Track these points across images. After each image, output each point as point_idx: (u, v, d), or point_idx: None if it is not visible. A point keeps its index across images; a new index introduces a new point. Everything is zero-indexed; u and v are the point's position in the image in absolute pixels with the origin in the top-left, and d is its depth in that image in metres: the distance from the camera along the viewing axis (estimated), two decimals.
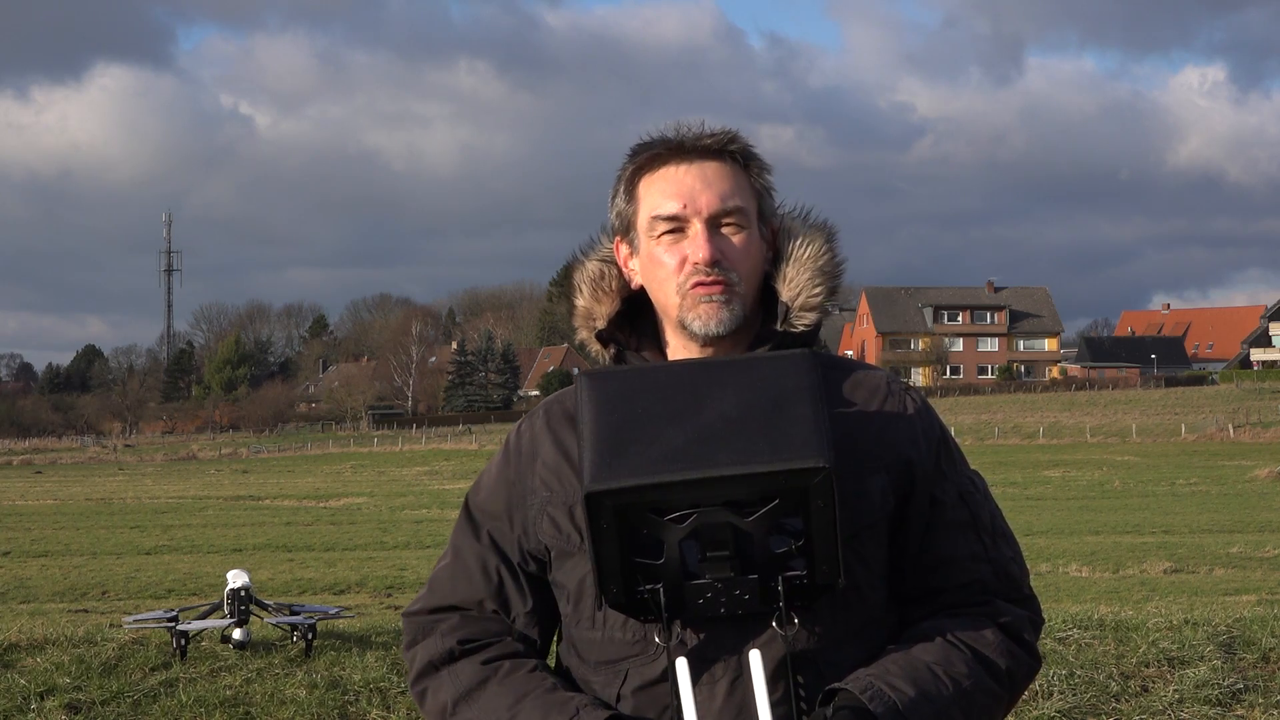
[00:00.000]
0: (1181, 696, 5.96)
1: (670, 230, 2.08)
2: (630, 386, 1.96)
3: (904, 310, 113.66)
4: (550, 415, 2.15)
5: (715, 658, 1.97)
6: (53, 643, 7.02)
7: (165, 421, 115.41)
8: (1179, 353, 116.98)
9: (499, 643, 2.10)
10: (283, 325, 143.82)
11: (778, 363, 1.97)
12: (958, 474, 2.14)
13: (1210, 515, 26.26)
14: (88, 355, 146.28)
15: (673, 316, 2.11)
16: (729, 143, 2.11)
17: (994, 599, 2.09)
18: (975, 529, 2.11)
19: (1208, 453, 50.24)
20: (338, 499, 37.03)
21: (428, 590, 2.18)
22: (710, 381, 1.95)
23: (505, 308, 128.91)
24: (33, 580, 18.41)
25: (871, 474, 2.04)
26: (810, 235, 2.16)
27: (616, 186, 2.16)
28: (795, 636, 1.95)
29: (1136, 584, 16.17)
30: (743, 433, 1.88)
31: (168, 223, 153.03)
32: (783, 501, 1.86)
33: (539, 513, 2.09)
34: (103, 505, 35.96)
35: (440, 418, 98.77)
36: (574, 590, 2.07)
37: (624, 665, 2.02)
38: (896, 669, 1.96)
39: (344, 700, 6.32)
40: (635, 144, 2.15)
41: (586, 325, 2.19)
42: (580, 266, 2.21)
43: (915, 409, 2.13)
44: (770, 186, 2.16)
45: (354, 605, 13.70)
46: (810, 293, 2.13)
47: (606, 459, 1.88)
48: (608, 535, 1.88)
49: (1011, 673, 2.05)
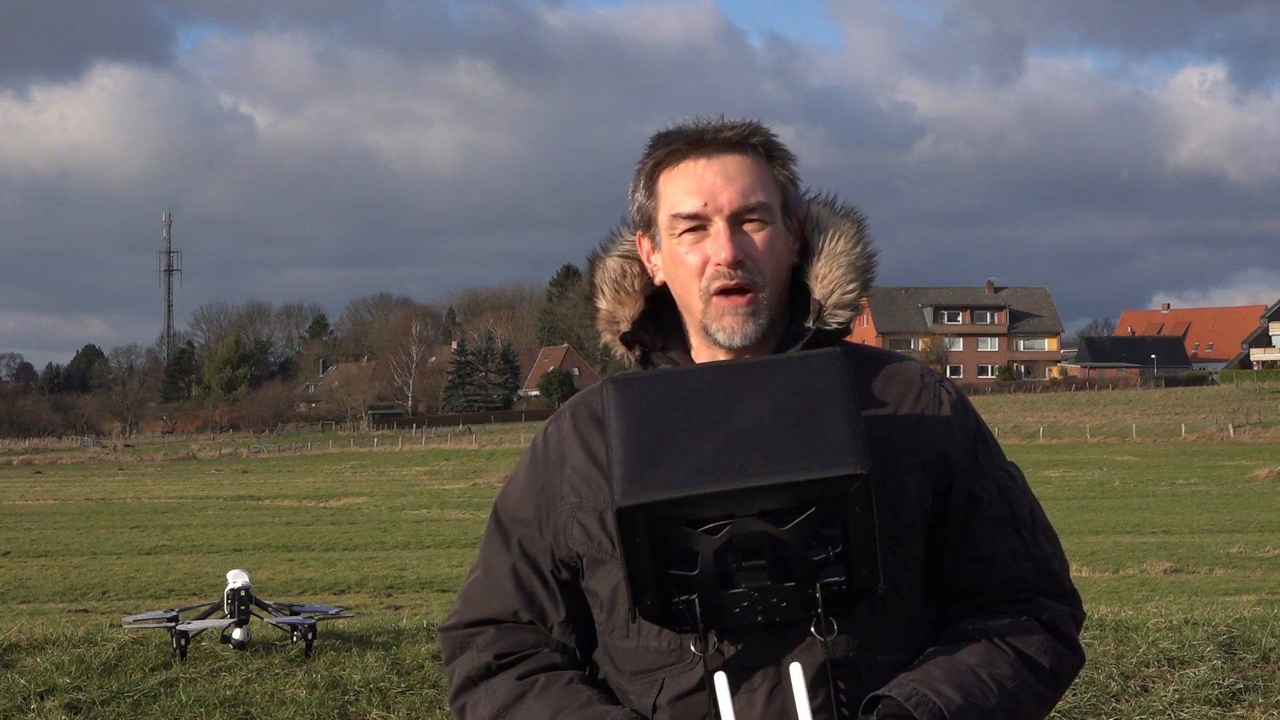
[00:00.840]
0: (1181, 696, 5.95)
1: (691, 229, 2.02)
2: (658, 393, 1.90)
3: (904, 310, 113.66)
4: (578, 418, 2.10)
5: (753, 666, 1.93)
6: (53, 643, 7.02)
7: (165, 421, 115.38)
8: (1179, 353, 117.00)
9: (535, 655, 2.06)
10: (283, 325, 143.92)
11: (809, 363, 1.91)
12: (995, 468, 2.08)
13: (1210, 515, 26.26)
14: (88, 355, 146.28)
15: (696, 319, 2.05)
16: (750, 134, 2.03)
17: (1036, 595, 2.05)
18: (1015, 524, 2.06)
19: (1208, 453, 50.23)
20: (338, 499, 37.03)
21: (461, 604, 2.14)
22: (740, 385, 1.89)
23: (505, 308, 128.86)
24: (33, 580, 18.41)
25: (908, 472, 2.00)
26: (841, 227, 2.10)
27: (636, 180, 2.09)
28: (835, 643, 1.91)
29: (1136, 584, 16.17)
30: (776, 440, 1.83)
31: (167, 222, 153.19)
32: (819, 509, 1.82)
33: (569, 519, 2.05)
34: (103, 505, 35.97)
35: (440, 418, 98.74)
36: (607, 598, 2.03)
37: (660, 675, 1.98)
38: (940, 673, 1.92)
39: (344, 700, 6.32)
40: (655, 135, 2.08)
41: (610, 329, 2.12)
42: (601, 265, 2.14)
43: (950, 403, 2.07)
44: (795, 177, 2.08)
45: (354, 605, 13.69)
46: (845, 289, 2.06)
47: (637, 472, 1.82)
48: (640, 548, 1.83)
49: (1055, 671, 2.02)
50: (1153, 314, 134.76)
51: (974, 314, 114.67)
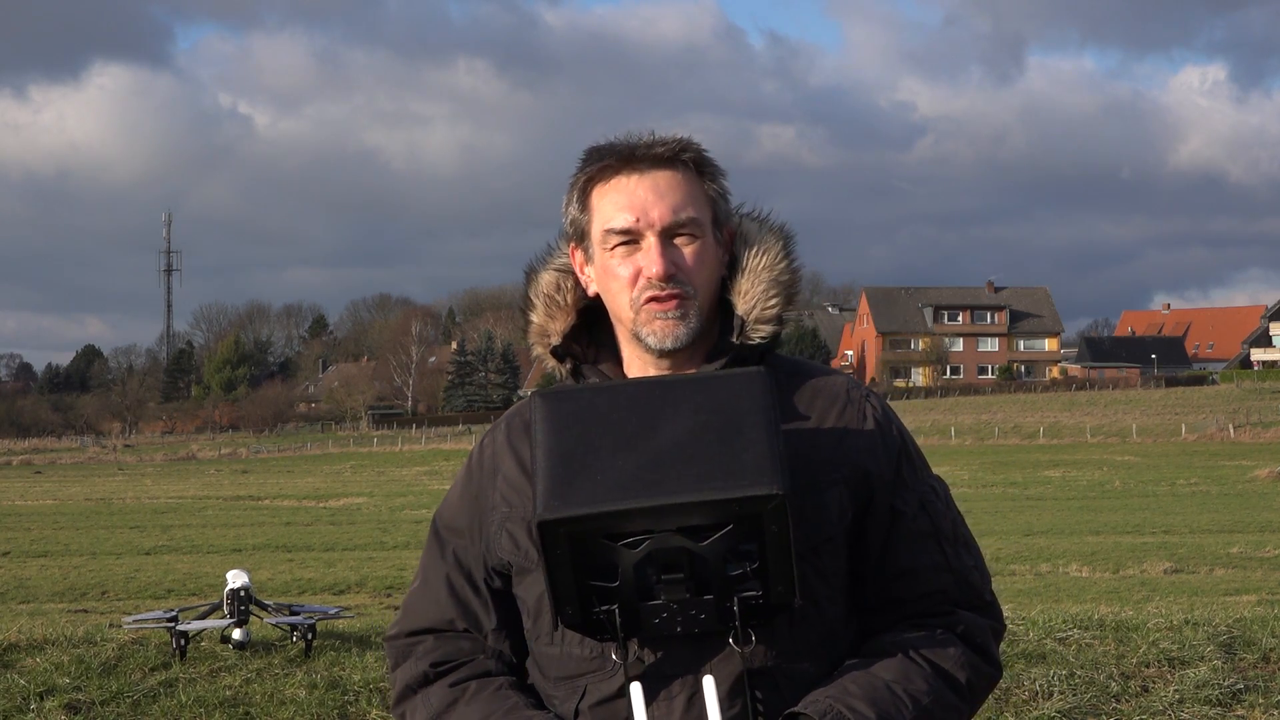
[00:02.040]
0: (1182, 697, 5.95)
1: (624, 243, 2.06)
2: (584, 408, 1.94)
3: (904, 310, 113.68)
4: (511, 429, 2.15)
5: (672, 675, 1.98)
6: (52, 643, 7.02)
7: (165, 421, 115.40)
8: (1179, 353, 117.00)
9: (470, 663, 2.12)
10: (282, 325, 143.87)
11: (732, 382, 1.94)
12: (919, 482, 2.12)
13: (1210, 515, 26.27)
14: (87, 355, 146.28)
15: (628, 329, 2.09)
16: (681, 150, 2.07)
17: (956, 608, 2.09)
18: (937, 538, 2.10)
19: (1208, 453, 50.24)
20: (337, 499, 37.07)
21: (403, 614, 2.21)
22: (664, 402, 1.92)
23: (505, 308, 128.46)
24: (32, 580, 18.42)
25: (829, 487, 2.04)
26: (766, 243, 2.13)
27: (570, 194, 2.13)
28: (752, 653, 1.95)
29: (1137, 584, 16.18)
30: (696, 458, 1.86)
31: (167, 222, 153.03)
32: (737, 526, 1.86)
33: (499, 529, 2.10)
34: (102, 505, 35.97)
35: (440, 418, 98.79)
36: (533, 606, 2.08)
37: (582, 681, 2.03)
38: (855, 689, 1.96)
39: (344, 700, 6.32)
40: (587, 149, 2.11)
41: (542, 341, 2.17)
42: (535, 279, 2.19)
43: (875, 417, 2.11)
44: (726, 191, 2.12)
45: (354, 605, 13.70)
46: (765, 305, 2.10)
47: (559, 487, 1.86)
48: (561, 560, 1.87)
49: (972, 685, 2.05)
50: (1153, 314, 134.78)
51: (974, 314, 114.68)
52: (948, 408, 79.07)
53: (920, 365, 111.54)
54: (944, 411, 76.17)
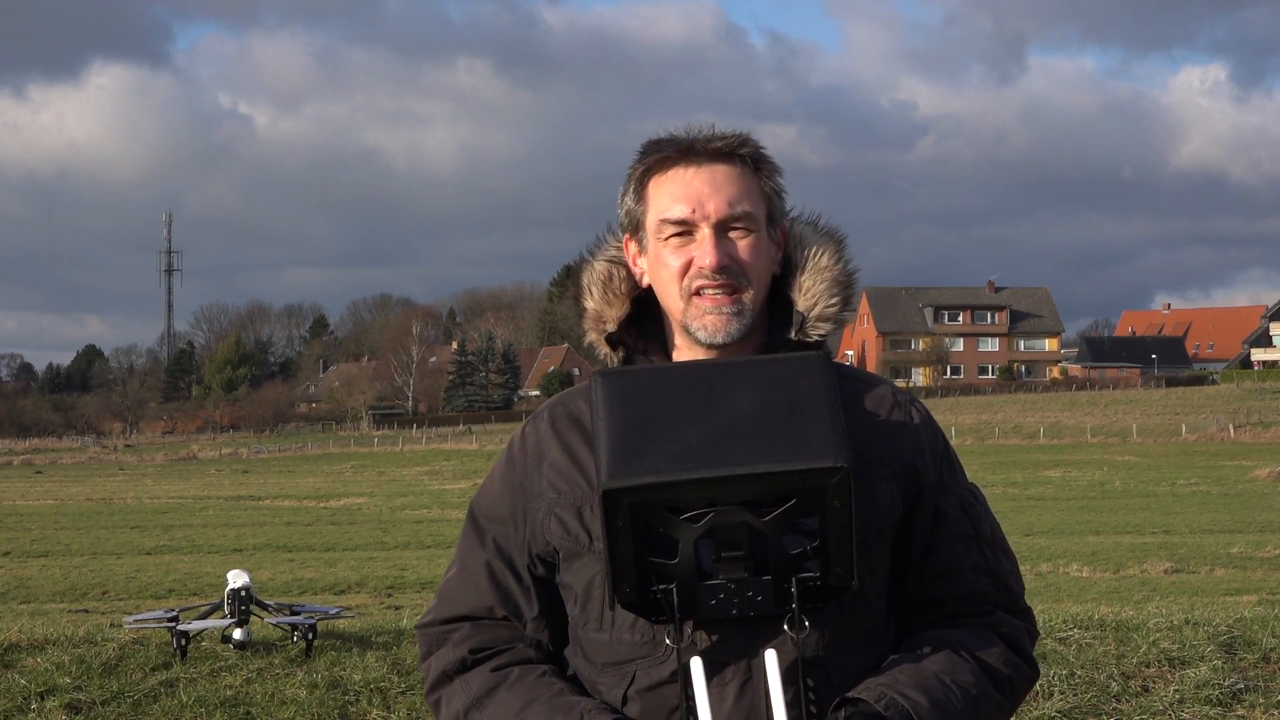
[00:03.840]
0: (1182, 696, 5.96)
1: (678, 234, 2.08)
2: (645, 386, 1.96)
3: (904, 310, 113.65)
4: (555, 418, 2.15)
5: (725, 660, 1.97)
6: (53, 643, 7.02)
7: (165, 421, 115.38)
8: (1180, 353, 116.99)
9: (510, 650, 2.11)
10: (283, 325, 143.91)
11: (793, 364, 1.97)
12: (960, 486, 2.16)
13: (1211, 515, 26.26)
14: (88, 355, 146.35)
15: (678, 320, 2.11)
16: (739, 145, 2.09)
17: (994, 610, 2.12)
18: (977, 541, 2.13)
19: (1208, 453, 50.22)
20: (338, 499, 37.04)
21: (438, 602, 2.19)
22: (725, 381, 1.95)
23: (505, 308, 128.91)
24: (33, 580, 18.42)
25: (880, 481, 2.06)
26: (823, 244, 2.16)
27: (626, 185, 2.15)
28: (805, 641, 1.96)
29: (1137, 584, 16.18)
30: (760, 432, 1.88)
31: (167, 222, 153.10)
32: (799, 501, 1.86)
33: (547, 514, 2.09)
34: (103, 505, 35.96)
35: (441, 418, 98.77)
36: (581, 591, 2.07)
37: (632, 667, 2.02)
38: (906, 678, 1.97)
39: (344, 700, 6.32)
40: (646, 142, 2.14)
41: (597, 328, 2.18)
42: (589, 268, 2.20)
43: (921, 419, 2.14)
44: (781, 189, 2.14)
45: (354, 605, 13.70)
46: (827, 303, 2.13)
47: (623, 457, 1.88)
48: (623, 534, 1.87)
49: (1013, 682, 2.07)
50: (1153, 314, 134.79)
51: (974, 314, 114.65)
52: (948, 408, 79.02)
53: (921, 365, 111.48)
54: (944, 411, 76.11)
